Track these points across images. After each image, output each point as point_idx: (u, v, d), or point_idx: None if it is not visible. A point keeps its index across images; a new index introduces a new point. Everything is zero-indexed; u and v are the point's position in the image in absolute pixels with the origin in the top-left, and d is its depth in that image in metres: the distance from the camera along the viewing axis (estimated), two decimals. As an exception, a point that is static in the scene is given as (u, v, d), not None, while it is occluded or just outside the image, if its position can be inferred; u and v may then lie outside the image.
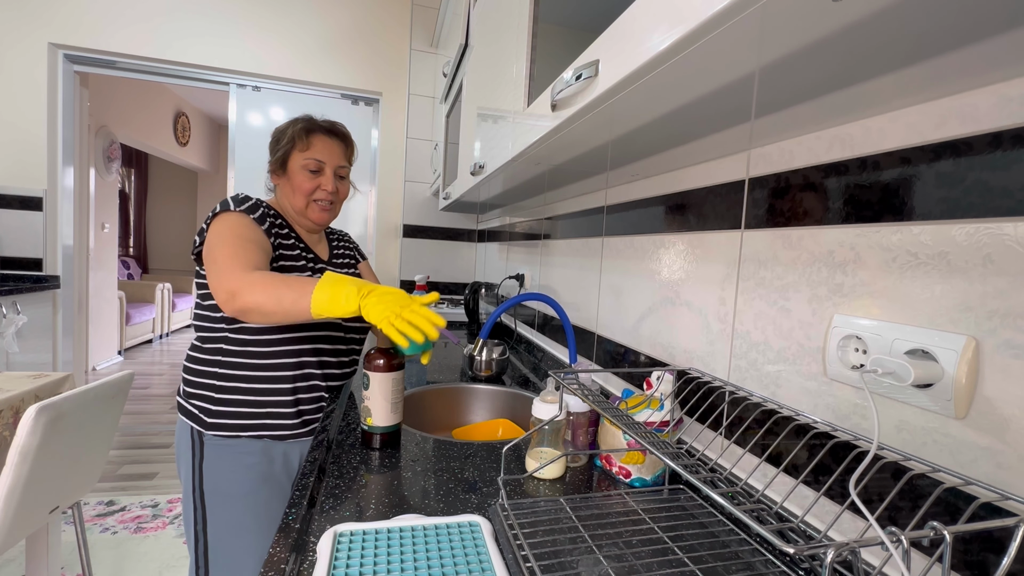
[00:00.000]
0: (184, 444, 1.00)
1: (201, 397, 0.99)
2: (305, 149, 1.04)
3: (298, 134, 1.03)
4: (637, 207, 1.01)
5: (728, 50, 0.39)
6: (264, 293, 0.79)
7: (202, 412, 0.98)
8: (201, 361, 1.00)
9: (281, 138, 1.05)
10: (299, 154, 1.04)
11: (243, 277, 0.82)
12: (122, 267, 5.55)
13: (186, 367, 1.03)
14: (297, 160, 1.03)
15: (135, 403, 3.40)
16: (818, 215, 0.59)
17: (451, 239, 2.89)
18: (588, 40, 0.55)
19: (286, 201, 1.06)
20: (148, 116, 4.79)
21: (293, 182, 1.04)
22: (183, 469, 1.00)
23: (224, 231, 0.90)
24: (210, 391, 0.99)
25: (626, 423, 0.59)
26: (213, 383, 0.99)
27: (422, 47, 2.77)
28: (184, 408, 1.01)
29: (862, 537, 0.32)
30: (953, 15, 0.32)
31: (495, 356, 1.34)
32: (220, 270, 0.84)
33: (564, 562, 0.54)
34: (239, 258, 0.85)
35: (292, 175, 1.04)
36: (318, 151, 1.04)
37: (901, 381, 0.45)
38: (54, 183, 2.50)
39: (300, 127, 1.05)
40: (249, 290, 0.79)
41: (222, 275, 0.83)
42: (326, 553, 0.51)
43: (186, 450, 0.99)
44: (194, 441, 0.99)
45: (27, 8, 2.39)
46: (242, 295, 0.80)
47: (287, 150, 1.04)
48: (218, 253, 0.87)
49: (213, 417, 0.98)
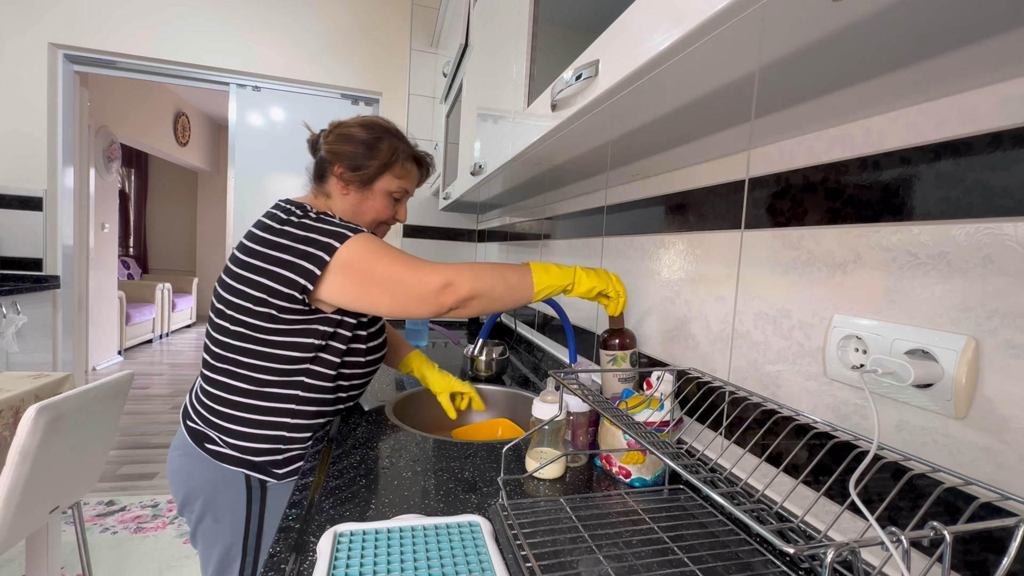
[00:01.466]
0: (230, 496, 0.86)
1: (271, 441, 0.86)
2: (402, 176, 0.94)
3: (402, 157, 0.93)
4: (637, 207, 1.01)
5: (728, 50, 0.39)
6: (488, 277, 0.78)
7: (271, 464, 0.86)
8: (269, 411, 0.86)
9: (375, 150, 0.91)
10: (394, 179, 0.93)
11: (447, 269, 0.78)
12: (122, 267, 5.55)
13: (238, 418, 0.85)
14: (389, 184, 0.93)
15: (135, 403, 3.40)
16: (818, 215, 0.59)
17: (451, 239, 2.89)
18: (588, 40, 0.55)
19: (340, 210, 0.93)
20: (148, 116, 4.79)
21: (374, 203, 0.93)
22: (226, 520, 0.87)
23: (374, 248, 0.81)
24: (281, 443, 0.86)
25: (626, 423, 0.59)
26: (283, 433, 0.86)
27: (422, 47, 2.77)
28: (242, 460, 0.86)
29: (862, 537, 0.32)
30: (953, 15, 0.32)
31: (495, 356, 1.34)
32: (412, 272, 0.79)
33: (564, 562, 0.54)
34: (415, 259, 0.81)
35: (375, 196, 0.93)
36: (411, 181, 0.96)
37: (901, 381, 0.45)
38: (54, 183, 2.50)
39: (406, 151, 0.94)
40: (467, 279, 0.78)
41: (420, 274, 0.79)
42: (326, 553, 0.51)
43: (235, 501, 0.86)
44: (251, 489, 0.86)
45: (27, 8, 2.39)
46: (461, 284, 0.77)
47: (381, 170, 0.92)
48: (389, 265, 0.79)
49: (285, 465, 0.87)
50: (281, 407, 0.86)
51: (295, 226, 0.82)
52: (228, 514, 0.87)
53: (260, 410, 0.85)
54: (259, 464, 0.86)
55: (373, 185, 0.92)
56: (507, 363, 1.39)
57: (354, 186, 0.92)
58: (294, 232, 0.82)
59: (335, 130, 0.93)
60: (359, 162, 0.90)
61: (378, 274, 0.79)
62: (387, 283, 0.80)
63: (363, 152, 0.90)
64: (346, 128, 0.92)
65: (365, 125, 0.93)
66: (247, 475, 0.86)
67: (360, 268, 0.80)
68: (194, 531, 0.91)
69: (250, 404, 0.85)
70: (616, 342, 0.87)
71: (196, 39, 2.54)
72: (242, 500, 0.86)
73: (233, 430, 0.86)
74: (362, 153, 0.90)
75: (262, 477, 0.87)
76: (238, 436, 0.86)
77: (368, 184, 0.92)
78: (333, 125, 0.94)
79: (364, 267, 0.79)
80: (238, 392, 0.85)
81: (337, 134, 0.92)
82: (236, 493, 0.86)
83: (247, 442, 0.86)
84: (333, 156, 0.91)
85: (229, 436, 0.86)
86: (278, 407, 0.86)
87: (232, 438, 0.86)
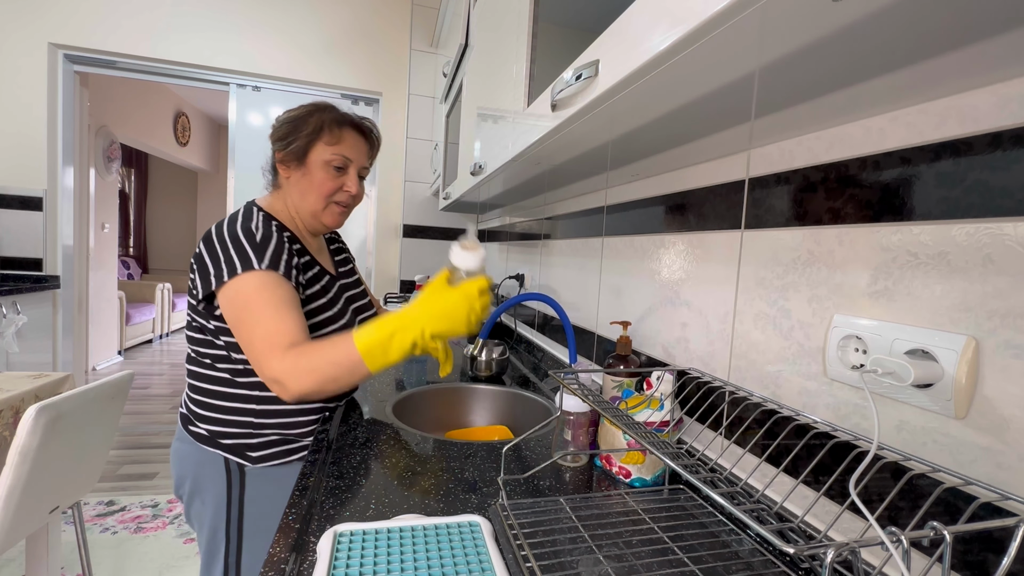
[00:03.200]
0: (212, 478, 0.90)
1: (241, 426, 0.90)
2: (334, 143, 0.91)
3: (328, 124, 0.91)
4: (637, 207, 1.01)
5: (728, 50, 0.39)
6: (313, 380, 0.75)
7: (245, 447, 0.90)
8: (229, 396, 0.90)
9: (300, 126, 0.91)
10: (325, 147, 0.91)
11: (280, 365, 0.76)
12: (122, 267, 5.55)
13: (209, 403, 0.91)
14: (322, 154, 0.91)
15: (135, 403, 3.40)
16: (818, 215, 0.59)
17: (451, 239, 2.88)
18: (588, 40, 0.55)
19: (293, 201, 0.95)
20: (148, 116, 4.79)
21: (313, 179, 0.92)
22: (209, 503, 0.90)
23: (254, 298, 0.79)
24: (250, 427, 0.90)
25: (626, 423, 0.59)
26: (251, 419, 0.90)
27: (422, 47, 2.77)
28: (215, 441, 0.90)
29: (862, 537, 0.32)
30: (953, 15, 0.32)
31: (495, 356, 1.34)
32: (257, 356, 0.78)
33: (564, 562, 0.54)
34: (277, 334, 0.77)
35: (312, 170, 0.92)
36: (347, 147, 0.93)
37: (901, 381, 0.45)
38: (54, 183, 2.50)
39: (330, 117, 0.92)
40: (296, 382, 0.76)
41: (261, 363, 0.78)
42: (326, 553, 0.51)
43: (216, 484, 0.90)
44: (231, 474, 0.90)
45: (27, 8, 2.39)
46: (290, 386, 0.76)
47: (310, 140, 0.91)
48: (253, 332, 0.79)
49: (258, 449, 0.90)
50: (244, 393, 0.90)
51: (228, 231, 0.85)
52: (211, 496, 0.90)
53: (225, 396, 0.90)
54: (232, 447, 0.90)
55: (307, 159, 0.92)
56: (507, 363, 1.39)
57: (292, 165, 0.93)
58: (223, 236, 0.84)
59: (274, 122, 0.95)
60: (289, 138, 0.92)
61: (244, 325, 0.80)
62: (245, 345, 0.81)
63: (291, 129, 0.92)
64: (282, 115, 0.95)
65: (295, 109, 0.95)
66: (225, 458, 0.90)
67: (237, 307, 0.81)
68: (187, 513, 0.95)
69: (216, 390, 0.90)
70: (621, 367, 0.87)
71: (196, 39, 2.54)
72: (223, 482, 0.90)
73: (206, 415, 0.91)
74: (291, 130, 0.92)
75: (239, 460, 0.90)
76: (211, 421, 0.90)
77: (302, 158, 0.92)
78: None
79: (236, 312, 0.81)
80: (206, 379, 0.91)
81: (274, 124, 0.95)
82: (217, 475, 0.90)
83: (218, 426, 0.90)
84: (273, 143, 0.94)
85: (204, 421, 0.91)
86: (241, 393, 0.90)
87: (207, 423, 0.91)
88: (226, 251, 0.82)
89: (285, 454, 0.92)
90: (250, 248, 0.82)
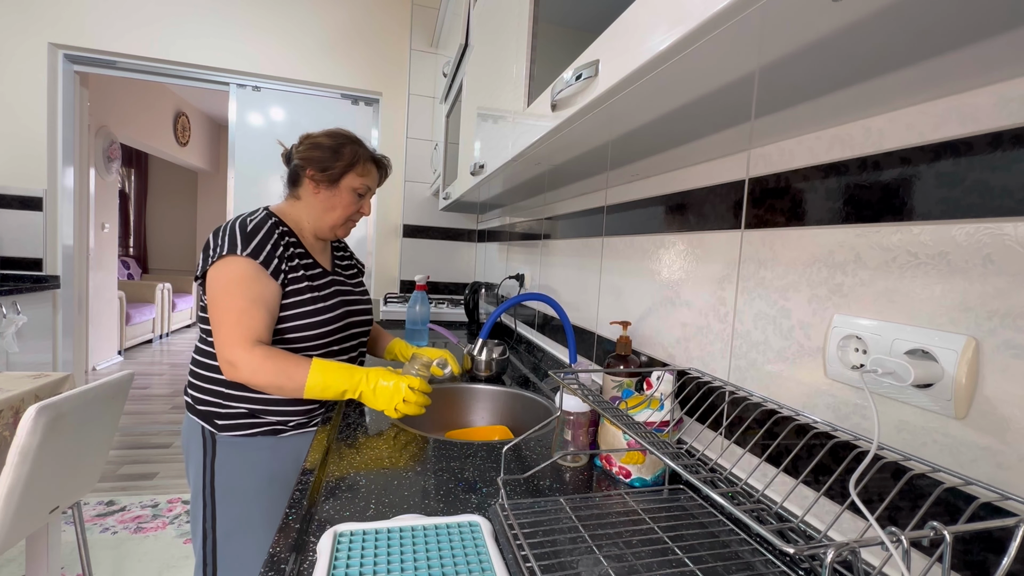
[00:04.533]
0: (195, 443, 1.01)
1: (213, 395, 1.00)
2: (364, 175, 1.09)
3: (363, 159, 1.08)
4: (637, 207, 1.01)
5: (728, 50, 0.39)
6: (264, 379, 0.90)
7: (214, 415, 0.99)
8: (209, 367, 1.01)
9: (340, 153, 1.05)
10: (356, 176, 1.07)
11: (245, 355, 0.89)
12: (122, 267, 5.55)
13: (193, 371, 1.04)
14: (352, 181, 1.07)
15: (135, 403, 3.40)
16: (818, 215, 0.59)
17: (451, 239, 2.89)
18: (588, 40, 0.55)
19: (315, 212, 1.07)
20: (148, 116, 4.79)
21: (341, 199, 1.07)
22: (192, 467, 1.01)
23: (231, 287, 0.92)
24: (220, 398, 0.99)
25: (626, 423, 0.59)
26: (223, 390, 0.99)
27: (422, 47, 2.77)
28: (194, 408, 1.02)
29: (862, 537, 0.32)
30: (953, 15, 0.32)
31: (495, 356, 1.34)
32: (223, 337, 0.91)
33: (564, 562, 0.54)
34: (242, 326, 0.91)
35: (342, 193, 1.07)
36: (371, 179, 1.11)
37: (901, 381, 0.45)
38: (54, 183, 2.50)
39: (364, 153, 1.09)
40: (250, 373, 0.90)
41: (224, 344, 0.91)
42: (326, 553, 0.51)
43: (196, 449, 1.00)
44: (205, 440, 1.00)
45: (28, 8, 2.39)
46: (241, 373, 0.90)
47: (345, 169, 1.06)
48: (222, 316, 0.91)
49: (225, 419, 0.99)
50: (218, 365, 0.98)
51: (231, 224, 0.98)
52: (194, 462, 1.01)
53: (206, 366, 1.02)
54: (203, 413, 1.01)
55: (340, 183, 1.07)
56: (507, 363, 1.39)
57: (324, 185, 1.06)
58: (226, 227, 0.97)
59: (305, 140, 1.07)
60: (327, 164, 1.05)
61: (217, 308, 0.93)
62: (215, 326, 0.93)
63: (330, 156, 1.05)
64: (315, 138, 1.07)
65: (330, 135, 1.08)
66: (202, 426, 1.01)
67: (213, 295, 0.94)
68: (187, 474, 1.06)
69: (202, 362, 1.02)
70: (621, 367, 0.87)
71: (196, 39, 2.54)
72: (200, 448, 1.00)
73: (193, 383, 1.04)
74: (329, 156, 1.05)
75: (210, 428, 1.00)
76: (192, 387, 1.03)
77: (335, 182, 1.07)
78: (303, 137, 1.09)
79: (214, 297, 0.94)
80: (200, 352, 1.04)
81: (307, 143, 1.07)
82: (196, 441, 1.01)
83: (195, 392, 1.02)
84: (305, 161, 1.05)
85: (191, 388, 1.04)
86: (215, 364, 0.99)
87: (191, 389, 1.04)
88: (221, 239, 0.95)
89: (249, 426, 1.00)
90: (240, 237, 0.95)
